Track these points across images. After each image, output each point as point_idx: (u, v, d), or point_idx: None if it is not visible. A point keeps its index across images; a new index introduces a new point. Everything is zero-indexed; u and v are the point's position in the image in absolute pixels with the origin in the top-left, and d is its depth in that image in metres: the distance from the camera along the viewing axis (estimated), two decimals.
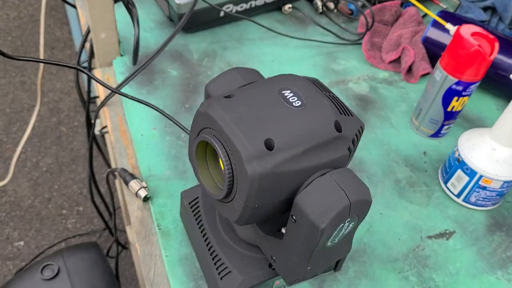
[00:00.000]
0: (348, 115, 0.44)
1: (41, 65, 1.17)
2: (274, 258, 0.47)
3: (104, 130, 1.33)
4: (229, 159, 0.39)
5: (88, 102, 0.80)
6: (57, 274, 0.85)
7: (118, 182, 1.07)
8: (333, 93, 0.45)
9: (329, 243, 0.42)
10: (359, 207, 0.40)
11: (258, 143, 0.38)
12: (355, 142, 0.43)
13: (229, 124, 0.39)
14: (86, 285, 0.84)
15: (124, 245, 1.29)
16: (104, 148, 1.37)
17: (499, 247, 0.63)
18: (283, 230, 0.46)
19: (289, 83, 0.43)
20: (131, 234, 1.26)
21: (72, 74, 2.06)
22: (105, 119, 1.52)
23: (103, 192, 1.20)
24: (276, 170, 0.38)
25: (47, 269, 0.85)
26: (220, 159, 0.43)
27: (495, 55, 0.64)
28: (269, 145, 0.38)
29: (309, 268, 0.44)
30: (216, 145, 0.39)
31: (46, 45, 2.16)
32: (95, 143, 0.98)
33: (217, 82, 0.46)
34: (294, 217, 0.41)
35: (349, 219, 0.40)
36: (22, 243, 1.52)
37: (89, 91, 0.81)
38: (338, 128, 0.41)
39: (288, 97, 0.41)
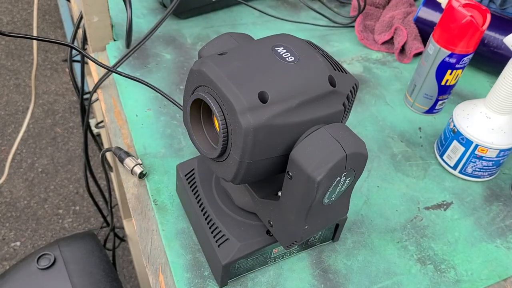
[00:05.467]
0: (342, 72, 0.44)
1: (34, 64, 1.17)
2: (271, 222, 0.47)
3: (100, 125, 1.33)
4: (223, 114, 0.39)
5: (82, 86, 0.80)
6: (53, 263, 0.84)
7: (114, 165, 1.06)
8: (326, 52, 0.45)
9: (326, 200, 0.41)
10: (355, 160, 0.39)
11: (251, 96, 0.38)
12: (350, 99, 0.43)
13: (222, 78, 0.39)
14: (83, 273, 0.83)
15: (122, 238, 1.28)
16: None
17: (497, 216, 0.63)
18: (280, 194, 0.46)
19: (282, 40, 0.43)
20: (129, 227, 1.26)
21: (66, 76, 2.06)
22: (98, 116, 1.51)
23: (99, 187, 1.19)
24: (270, 122, 0.38)
25: (43, 258, 0.84)
26: (214, 117, 0.43)
27: (487, 25, 0.64)
28: (262, 98, 0.38)
29: (306, 227, 0.43)
30: (210, 101, 0.39)
31: (40, 48, 2.16)
32: (91, 134, 0.98)
33: (211, 45, 0.46)
34: (290, 173, 0.40)
35: (345, 173, 0.40)
36: (18, 243, 1.50)
37: (82, 76, 0.80)
38: (332, 83, 0.41)
39: (281, 53, 0.41)
